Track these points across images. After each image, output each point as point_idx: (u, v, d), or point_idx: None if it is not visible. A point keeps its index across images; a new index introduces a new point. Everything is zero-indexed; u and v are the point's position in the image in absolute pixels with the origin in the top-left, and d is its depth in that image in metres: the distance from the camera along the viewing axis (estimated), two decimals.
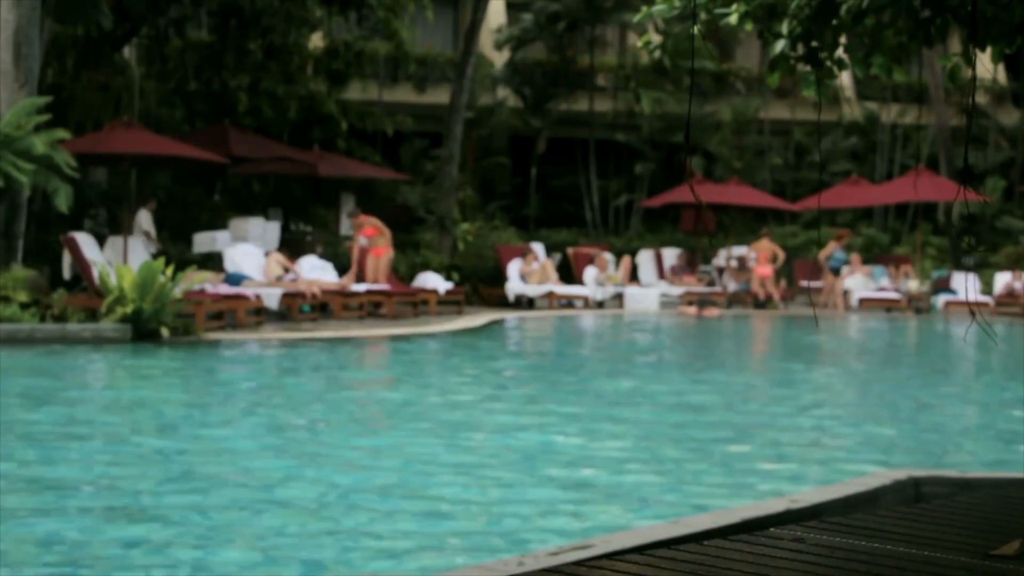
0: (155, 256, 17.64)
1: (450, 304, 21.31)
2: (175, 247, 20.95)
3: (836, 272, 25.09)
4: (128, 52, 25.44)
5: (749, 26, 6.05)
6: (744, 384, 13.36)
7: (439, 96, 30.08)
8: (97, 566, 5.46)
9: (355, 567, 5.56)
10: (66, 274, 17.38)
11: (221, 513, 6.43)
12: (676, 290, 24.80)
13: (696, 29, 6.01)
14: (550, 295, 23.20)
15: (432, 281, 21.34)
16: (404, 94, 31.43)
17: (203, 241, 20.49)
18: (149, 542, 5.83)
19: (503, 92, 31.82)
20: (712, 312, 22.96)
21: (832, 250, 25.17)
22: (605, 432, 9.40)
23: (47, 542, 5.79)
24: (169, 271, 15.06)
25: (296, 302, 18.29)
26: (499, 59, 32.26)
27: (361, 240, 20.51)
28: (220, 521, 6.26)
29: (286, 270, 19.18)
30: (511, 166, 32.14)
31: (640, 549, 4.34)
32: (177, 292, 15.22)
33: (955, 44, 20.09)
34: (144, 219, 20.27)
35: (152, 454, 8.23)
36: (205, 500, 6.71)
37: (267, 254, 19.52)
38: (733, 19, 5.96)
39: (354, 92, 28.70)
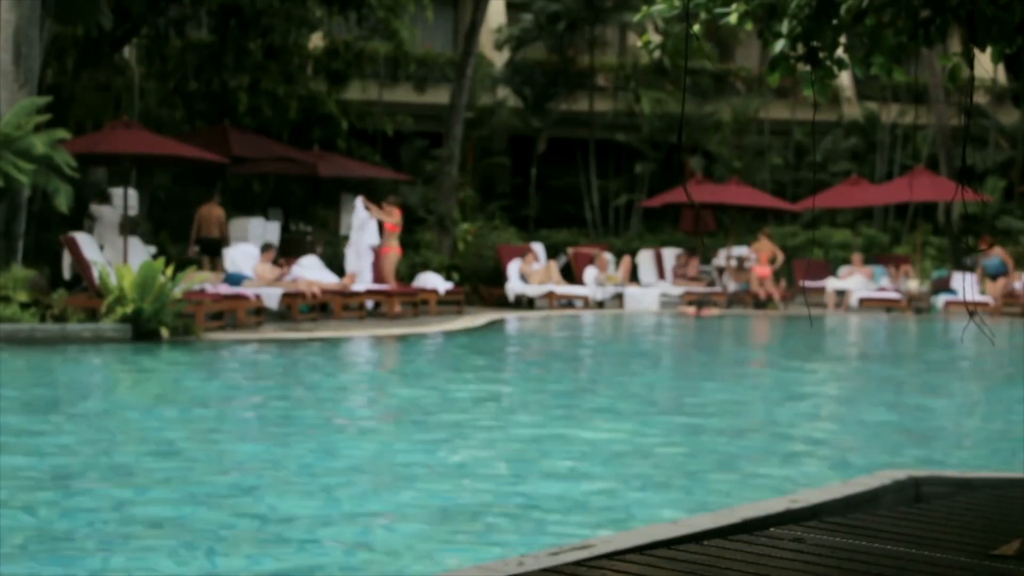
0: None
1: (450, 304, 21.30)
2: (175, 247, 20.95)
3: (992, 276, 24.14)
4: (128, 52, 25.43)
5: (749, 26, 6.04)
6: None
7: (439, 96, 30.06)
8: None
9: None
10: (66, 274, 17.39)
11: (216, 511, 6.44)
12: (676, 290, 24.78)
13: (695, 28, 6.01)
14: (550, 295, 23.19)
15: (432, 281, 21.33)
16: (404, 94, 31.40)
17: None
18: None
19: (503, 92, 31.80)
20: (712, 312, 22.95)
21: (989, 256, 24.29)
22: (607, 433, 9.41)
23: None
24: (169, 271, 15.06)
25: (296, 302, 18.29)
26: (499, 59, 32.24)
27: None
28: (212, 519, 6.26)
29: (280, 266, 19.18)
30: (511, 166, 32.12)
31: (640, 549, 4.34)
32: (177, 292, 15.22)
33: (955, 44, 20.08)
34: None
35: (151, 453, 8.23)
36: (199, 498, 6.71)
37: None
38: (733, 19, 5.96)
39: (354, 92, 28.68)
